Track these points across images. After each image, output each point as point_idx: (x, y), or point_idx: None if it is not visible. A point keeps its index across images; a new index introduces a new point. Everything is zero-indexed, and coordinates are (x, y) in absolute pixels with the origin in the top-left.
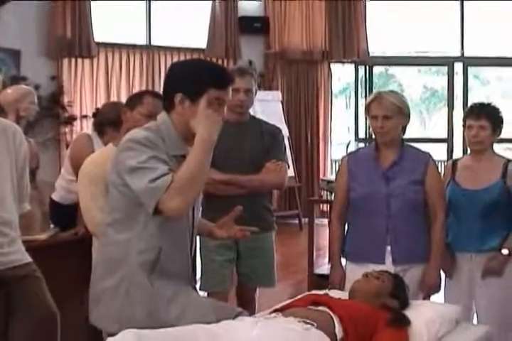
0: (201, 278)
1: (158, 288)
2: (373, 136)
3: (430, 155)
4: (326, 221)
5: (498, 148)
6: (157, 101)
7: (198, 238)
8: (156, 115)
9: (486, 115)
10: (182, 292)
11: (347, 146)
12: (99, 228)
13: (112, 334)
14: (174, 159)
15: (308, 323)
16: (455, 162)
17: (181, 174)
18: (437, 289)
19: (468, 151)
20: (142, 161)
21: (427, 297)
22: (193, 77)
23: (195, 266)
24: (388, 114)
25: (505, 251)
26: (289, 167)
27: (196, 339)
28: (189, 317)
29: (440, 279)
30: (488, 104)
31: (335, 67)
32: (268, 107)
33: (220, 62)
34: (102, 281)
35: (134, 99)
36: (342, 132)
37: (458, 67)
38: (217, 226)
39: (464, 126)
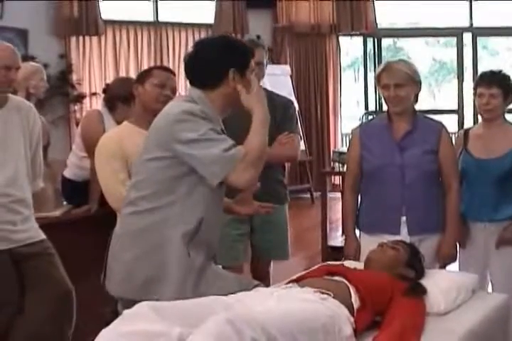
0: None
1: (192, 258)
2: (384, 108)
3: (443, 125)
4: (337, 194)
5: (510, 118)
6: (166, 74)
7: None
8: (167, 87)
9: (496, 83)
10: (208, 264)
11: (361, 119)
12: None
13: (129, 306)
14: None
15: (324, 293)
16: (467, 131)
17: (253, 147)
18: (453, 259)
19: (480, 120)
20: (203, 133)
21: (443, 267)
22: (242, 52)
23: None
24: (400, 81)
25: None
26: (301, 139)
27: (213, 311)
28: (215, 289)
29: (456, 249)
30: (499, 72)
31: (343, 40)
32: (277, 81)
33: None
34: (126, 252)
35: (143, 74)
36: (351, 106)
37: (467, 37)
38: (236, 202)
39: (474, 94)
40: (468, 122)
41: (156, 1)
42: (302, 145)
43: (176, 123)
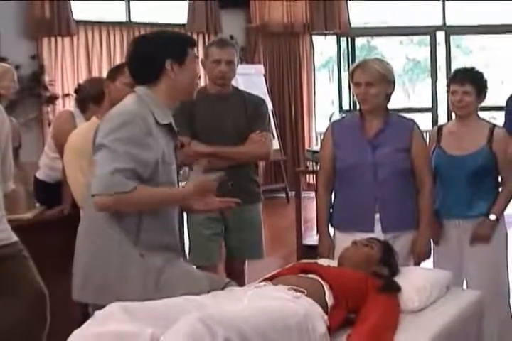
0: (189, 252)
1: (148, 258)
2: (357, 106)
3: (415, 122)
4: (312, 194)
5: (483, 116)
6: None
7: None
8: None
9: (469, 80)
10: (173, 262)
11: (330, 118)
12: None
13: (100, 308)
14: (161, 128)
15: (298, 291)
16: (440, 128)
17: (143, 195)
18: (428, 256)
19: (453, 117)
20: (118, 139)
21: (417, 264)
22: (175, 41)
23: (184, 239)
24: (371, 80)
25: (492, 217)
26: (274, 137)
27: (185, 310)
28: (183, 288)
29: (430, 246)
30: (472, 69)
31: (317, 39)
32: (251, 81)
33: (201, 37)
34: (83, 253)
35: (114, 71)
36: (326, 105)
37: (440, 36)
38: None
39: (448, 91)
40: (442, 120)
41: (129, 1)
42: (277, 145)
43: (104, 122)
